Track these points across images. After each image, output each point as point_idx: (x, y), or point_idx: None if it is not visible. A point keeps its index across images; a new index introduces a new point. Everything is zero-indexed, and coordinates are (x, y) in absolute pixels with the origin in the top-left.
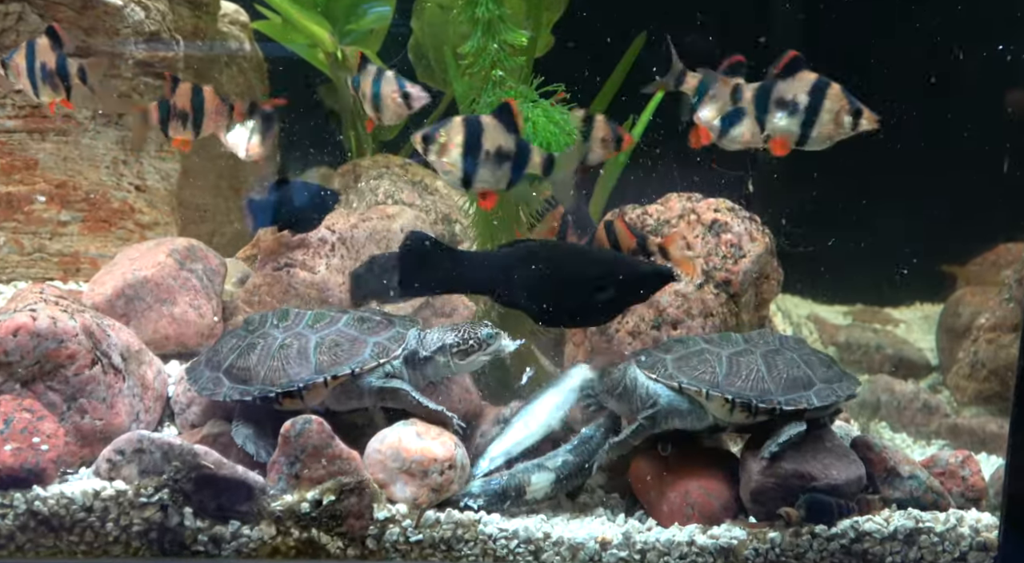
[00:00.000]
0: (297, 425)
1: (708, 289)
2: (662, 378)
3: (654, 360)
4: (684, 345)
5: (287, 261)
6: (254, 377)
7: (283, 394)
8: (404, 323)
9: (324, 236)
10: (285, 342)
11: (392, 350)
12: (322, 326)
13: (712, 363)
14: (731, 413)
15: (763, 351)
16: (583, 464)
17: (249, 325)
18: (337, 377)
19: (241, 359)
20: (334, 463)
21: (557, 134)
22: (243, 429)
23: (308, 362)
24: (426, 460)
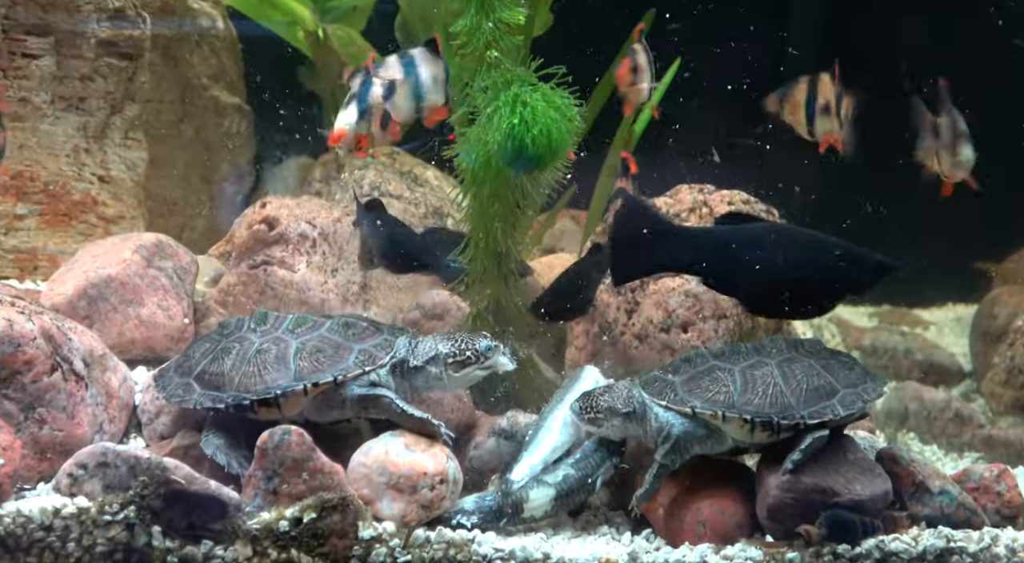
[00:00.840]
0: (275, 436)
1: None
2: (673, 404)
3: (662, 385)
4: (691, 364)
5: (264, 259)
6: (227, 383)
7: (258, 402)
8: (393, 330)
9: (305, 232)
10: (262, 347)
11: (378, 358)
12: (304, 331)
13: (725, 381)
14: (752, 433)
15: (778, 361)
16: (586, 479)
17: (224, 329)
18: (318, 385)
19: (214, 364)
20: (315, 477)
21: (558, 120)
22: (214, 439)
23: (287, 368)
24: (415, 474)
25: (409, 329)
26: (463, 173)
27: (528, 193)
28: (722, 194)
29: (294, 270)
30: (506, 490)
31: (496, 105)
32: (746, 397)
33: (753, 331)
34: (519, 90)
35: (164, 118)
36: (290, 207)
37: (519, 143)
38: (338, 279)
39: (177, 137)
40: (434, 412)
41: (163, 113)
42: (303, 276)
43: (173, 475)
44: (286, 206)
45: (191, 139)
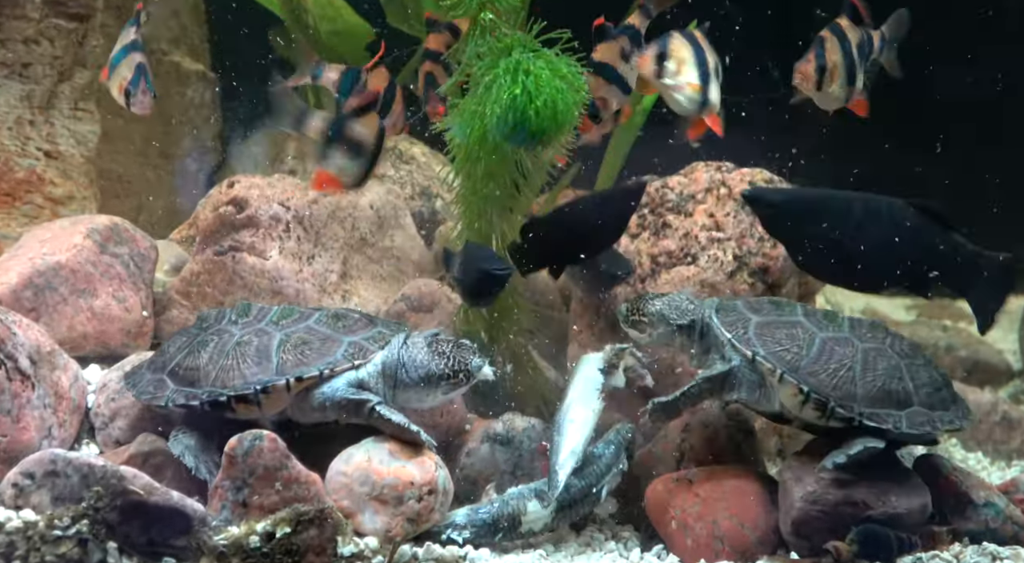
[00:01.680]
0: (245, 442)
1: (741, 278)
2: (737, 341)
3: (736, 317)
4: (778, 309)
5: (232, 244)
6: (203, 378)
7: (236, 398)
8: (389, 324)
9: (277, 214)
10: (243, 339)
11: (369, 351)
12: (289, 323)
13: (801, 341)
14: (801, 407)
15: (865, 347)
16: (590, 489)
17: (203, 322)
18: (302, 379)
19: (189, 358)
20: (290, 488)
21: (564, 90)
22: (184, 439)
23: (268, 362)
24: (401, 484)
25: (406, 325)
26: (455, 149)
27: (528, 172)
28: (742, 172)
29: (265, 257)
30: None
31: (495, 73)
32: (814, 367)
33: None
34: (521, 57)
35: None
36: (261, 187)
37: (521, 115)
38: (315, 267)
39: None
40: (421, 416)
41: None
42: (275, 264)
43: (131, 485)
44: (256, 185)
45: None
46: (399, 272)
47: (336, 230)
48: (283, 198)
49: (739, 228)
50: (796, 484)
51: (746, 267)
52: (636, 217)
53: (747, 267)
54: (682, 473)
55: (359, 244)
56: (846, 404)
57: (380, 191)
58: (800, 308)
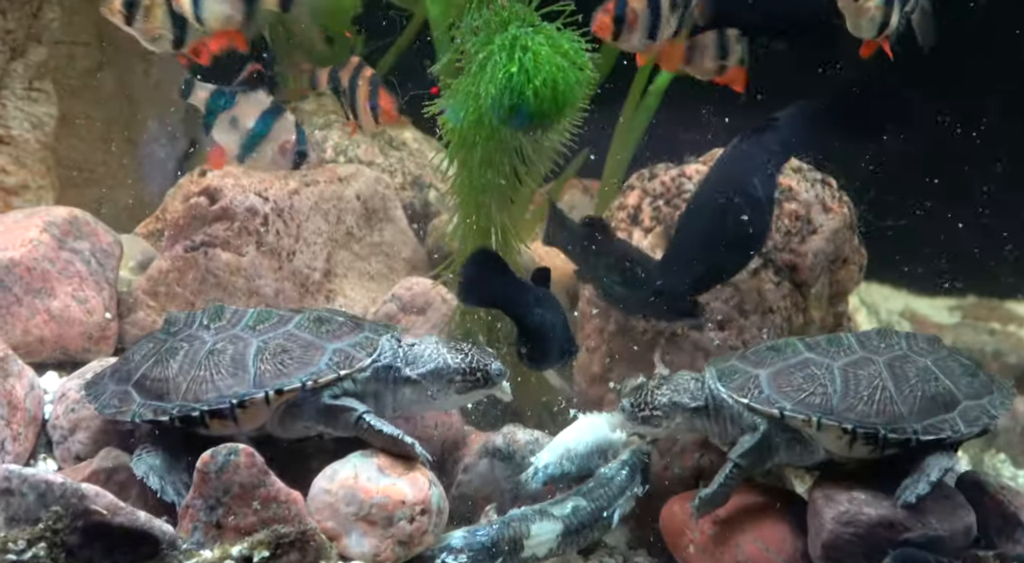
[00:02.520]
0: (219, 457)
1: (766, 276)
2: (757, 403)
3: (744, 378)
4: (779, 354)
5: (204, 239)
6: (172, 391)
7: (210, 413)
8: (376, 327)
9: (254, 206)
10: (216, 347)
11: (356, 359)
12: (267, 328)
13: (822, 379)
14: (850, 446)
15: (887, 359)
16: (600, 512)
17: (171, 326)
18: (282, 392)
19: (157, 368)
20: (268, 507)
21: (566, 68)
22: (148, 458)
23: (245, 372)
24: (391, 503)
25: (397, 327)
26: (449, 134)
27: (529, 158)
28: None
29: (241, 253)
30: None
31: (490, 50)
32: (848, 401)
33: (808, 327)
34: (518, 32)
35: (78, 65)
36: (236, 176)
37: (518, 96)
38: (296, 264)
39: (95, 88)
40: (414, 427)
41: (77, 58)
42: (252, 261)
43: (93, 504)
44: (231, 174)
45: (112, 91)
46: (389, 270)
47: (319, 224)
48: (260, 188)
49: None
50: (826, 503)
51: (771, 264)
52: (649, 210)
53: (772, 264)
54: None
55: (345, 239)
56: (896, 427)
57: (368, 180)
58: (800, 343)
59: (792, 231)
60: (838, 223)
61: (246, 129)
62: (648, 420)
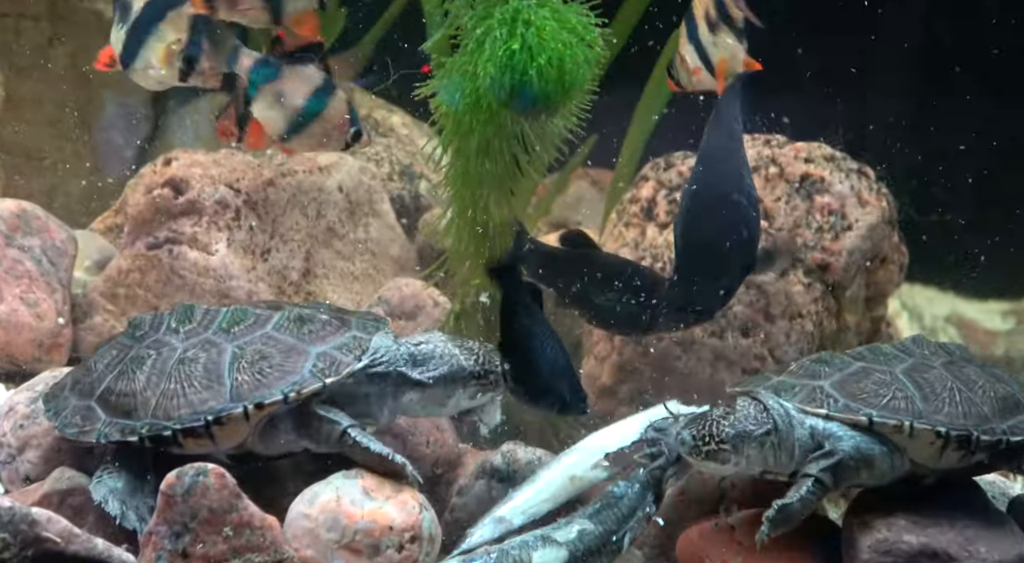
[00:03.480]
0: (186, 478)
1: (795, 277)
2: (838, 412)
3: (807, 391)
4: (829, 365)
5: (169, 235)
6: (140, 407)
7: (183, 432)
8: (364, 324)
9: (224, 198)
10: (187, 354)
11: (344, 364)
12: (243, 330)
13: (895, 384)
14: (941, 453)
15: (942, 362)
16: (610, 536)
17: (136, 330)
18: (263, 406)
19: (122, 380)
20: (241, 534)
21: (573, 44)
22: (110, 480)
23: (220, 384)
24: (377, 529)
25: (385, 320)
26: (442, 119)
27: (531, 146)
28: (797, 148)
29: (210, 251)
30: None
31: (489, 25)
32: (932, 404)
33: (842, 334)
34: (520, 4)
35: (26, 40)
36: (204, 165)
37: (520, 76)
38: (271, 263)
39: (44, 66)
40: (402, 444)
41: (24, 33)
42: (223, 259)
43: (44, 531)
44: (198, 163)
45: (64, 69)
46: (375, 270)
47: (297, 218)
48: (232, 179)
49: (792, 216)
50: (863, 530)
51: (801, 264)
52: (665, 203)
53: (802, 264)
54: (722, 518)
55: (326, 235)
56: (986, 428)
57: (351, 170)
58: (844, 356)
59: (824, 227)
60: (876, 218)
61: (295, 106)
62: (714, 455)
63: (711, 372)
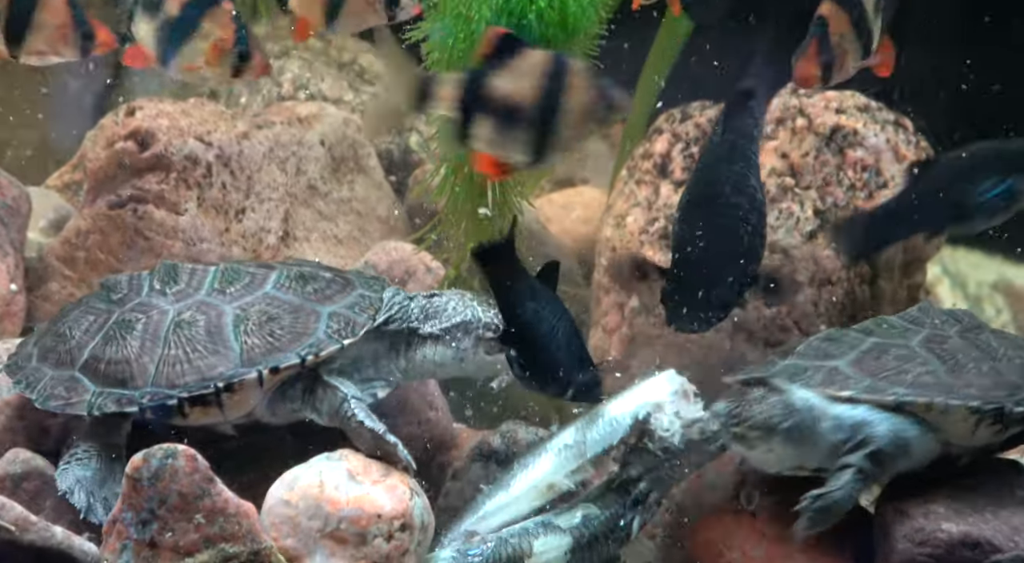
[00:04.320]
0: (153, 461)
1: (824, 240)
2: (863, 394)
3: (821, 374)
4: (838, 344)
5: (133, 194)
6: (138, 375)
7: (191, 400)
8: (368, 282)
9: (194, 153)
10: (183, 317)
11: (358, 324)
12: (239, 291)
13: (916, 359)
14: (975, 430)
15: (957, 331)
16: (617, 522)
17: (112, 292)
18: (278, 370)
19: (111, 347)
20: (214, 522)
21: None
22: (77, 468)
23: (227, 348)
24: (364, 516)
25: (387, 280)
26: (435, 66)
27: None
28: (827, 97)
29: (179, 211)
30: None
31: None
32: (961, 378)
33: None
34: None
35: None
36: (172, 115)
37: (518, 20)
38: (246, 225)
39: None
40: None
41: None
42: (193, 220)
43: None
44: (165, 113)
45: None
46: (361, 232)
47: (275, 175)
48: (202, 131)
49: (822, 173)
50: (897, 519)
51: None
52: (680, 158)
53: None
54: (742, 504)
55: (307, 194)
56: (1019, 398)
57: (335, 122)
58: (851, 332)
59: (856, 185)
60: None
61: (168, 19)
62: (741, 439)
63: (730, 345)
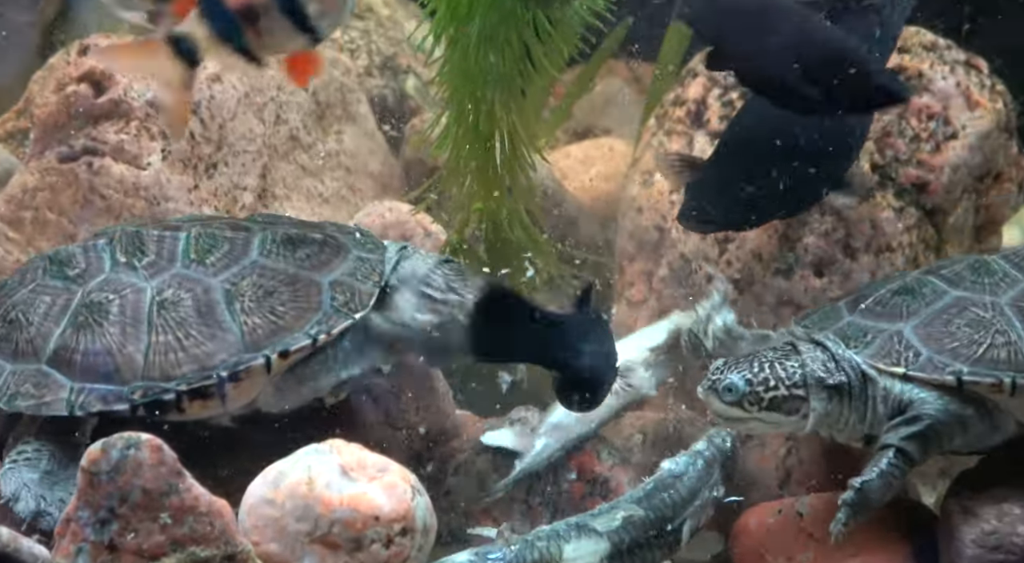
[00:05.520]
0: (113, 452)
1: (884, 199)
2: (919, 370)
3: (881, 340)
4: (914, 297)
5: (88, 144)
6: (124, 367)
7: (190, 393)
8: (360, 242)
9: (158, 98)
10: (164, 296)
11: (365, 293)
12: (221, 260)
13: (995, 324)
14: None
15: None
16: (663, 524)
17: (66, 268)
18: (288, 354)
19: (85, 335)
20: (183, 521)
21: None
22: (25, 469)
23: (225, 331)
24: (360, 519)
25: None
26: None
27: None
28: None
29: (140, 165)
30: None
31: None
32: None
33: None
34: None
35: None
36: (132, 54)
37: None
38: (218, 181)
39: None
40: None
41: None
42: (157, 176)
43: None
44: (124, 52)
45: None
46: (350, 190)
47: (251, 124)
48: None
49: (880, 121)
50: (966, 520)
51: (891, 183)
52: (718, 106)
53: (893, 183)
54: (787, 502)
55: (288, 146)
56: None
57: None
58: (935, 278)
59: (921, 136)
60: (988, 124)
61: None
62: (781, 404)
63: (775, 320)
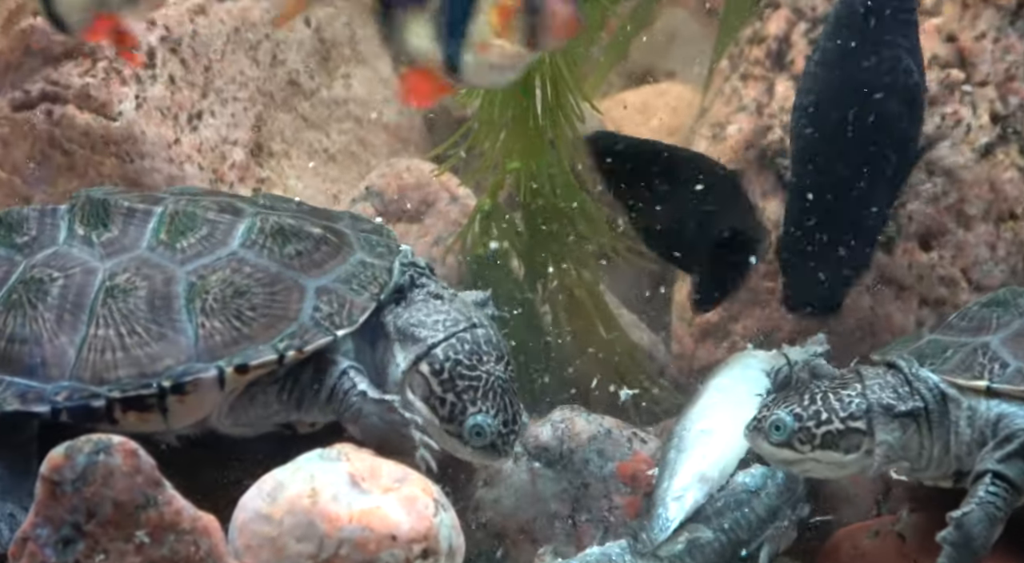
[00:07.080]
0: (80, 457)
1: (1004, 156)
2: (1004, 383)
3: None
4: (1006, 308)
5: (47, 89)
6: (52, 361)
7: (123, 402)
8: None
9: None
10: (118, 282)
11: (357, 306)
12: (195, 246)
13: None
14: None
15: None
16: (738, 548)
17: (15, 233)
18: (247, 369)
19: (15, 317)
20: (163, 541)
21: None
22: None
23: (177, 331)
24: (374, 539)
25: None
26: None
27: None
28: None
29: (110, 114)
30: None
31: None
32: None
33: None
34: None
35: None
36: None
37: None
38: (203, 134)
39: None
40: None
41: None
42: (129, 127)
43: None
44: None
45: None
46: (360, 145)
47: (243, 65)
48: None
49: (1003, 63)
50: None
51: (1016, 137)
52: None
53: (1018, 137)
54: (886, 521)
55: (286, 92)
56: None
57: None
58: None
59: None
60: None
61: None
62: (837, 440)
63: (871, 304)
